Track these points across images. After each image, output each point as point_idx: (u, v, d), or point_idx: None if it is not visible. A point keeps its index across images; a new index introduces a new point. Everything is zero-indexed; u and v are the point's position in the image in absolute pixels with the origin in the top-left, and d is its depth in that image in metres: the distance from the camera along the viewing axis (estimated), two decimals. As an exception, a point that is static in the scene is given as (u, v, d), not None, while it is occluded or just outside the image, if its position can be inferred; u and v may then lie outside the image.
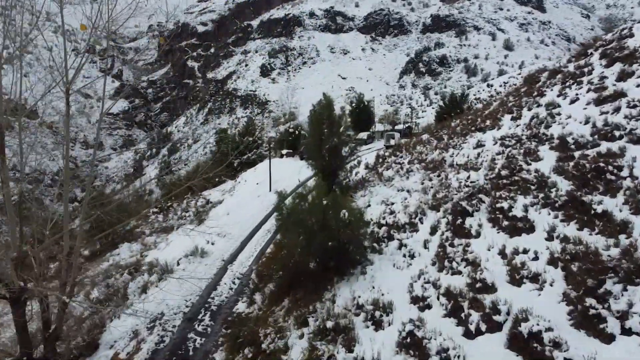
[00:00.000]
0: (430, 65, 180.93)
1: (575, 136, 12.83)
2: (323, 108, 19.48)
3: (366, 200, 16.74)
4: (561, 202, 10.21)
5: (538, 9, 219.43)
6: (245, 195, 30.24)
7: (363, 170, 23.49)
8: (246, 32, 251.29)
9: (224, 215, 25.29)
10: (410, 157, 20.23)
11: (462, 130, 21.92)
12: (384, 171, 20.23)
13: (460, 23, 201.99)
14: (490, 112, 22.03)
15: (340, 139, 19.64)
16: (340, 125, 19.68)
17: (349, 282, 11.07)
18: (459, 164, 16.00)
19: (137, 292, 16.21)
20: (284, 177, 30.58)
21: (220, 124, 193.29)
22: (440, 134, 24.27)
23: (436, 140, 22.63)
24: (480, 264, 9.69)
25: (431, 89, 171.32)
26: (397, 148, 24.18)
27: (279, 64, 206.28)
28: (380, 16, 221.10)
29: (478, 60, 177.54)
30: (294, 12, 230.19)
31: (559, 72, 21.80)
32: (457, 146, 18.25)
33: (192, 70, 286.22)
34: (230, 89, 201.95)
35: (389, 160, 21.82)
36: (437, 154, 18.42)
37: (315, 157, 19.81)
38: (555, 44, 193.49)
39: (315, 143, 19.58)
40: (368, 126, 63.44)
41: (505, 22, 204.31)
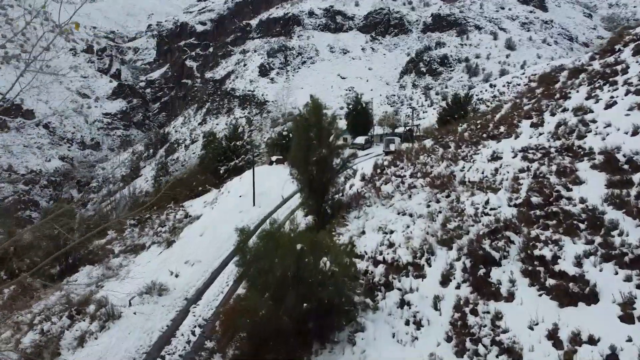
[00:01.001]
0: (431, 65, 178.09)
1: (628, 152, 9.94)
2: (310, 112, 16.57)
3: (360, 225, 13.88)
4: (633, 256, 7.27)
5: (540, 8, 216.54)
6: (226, 210, 27.30)
7: (358, 182, 20.64)
8: (245, 32, 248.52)
9: (198, 235, 22.32)
10: (413, 169, 17.36)
11: (471, 137, 19.06)
12: (382, 185, 17.36)
13: (462, 22, 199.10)
14: (504, 116, 19.15)
15: (331, 149, 16.66)
16: (330, 132, 16.75)
17: (332, 355, 8.23)
18: (472, 181, 13.22)
19: (72, 345, 13.24)
20: (271, 188, 27.57)
21: (218, 124, 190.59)
22: (445, 140, 21.38)
23: (442, 149, 19.77)
24: (522, 354, 6.64)
25: (432, 89, 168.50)
26: (397, 156, 21.34)
27: (277, 63, 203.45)
28: (381, 15, 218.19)
29: (479, 60, 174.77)
30: (293, 12, 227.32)
31: (581, 71, 18.88)
32: (468, 157, 15.44)
33: (191, 70, 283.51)
34: (229, 89, 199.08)
35: (388, 172, 18.95)
36: (444, 166, 15.60)
37: (301, 170, 16.81)
38: (557, 43, 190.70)
39: (301, 153, 16.52)
40: (366, 129, 59.49)
41: (507, 21, 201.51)
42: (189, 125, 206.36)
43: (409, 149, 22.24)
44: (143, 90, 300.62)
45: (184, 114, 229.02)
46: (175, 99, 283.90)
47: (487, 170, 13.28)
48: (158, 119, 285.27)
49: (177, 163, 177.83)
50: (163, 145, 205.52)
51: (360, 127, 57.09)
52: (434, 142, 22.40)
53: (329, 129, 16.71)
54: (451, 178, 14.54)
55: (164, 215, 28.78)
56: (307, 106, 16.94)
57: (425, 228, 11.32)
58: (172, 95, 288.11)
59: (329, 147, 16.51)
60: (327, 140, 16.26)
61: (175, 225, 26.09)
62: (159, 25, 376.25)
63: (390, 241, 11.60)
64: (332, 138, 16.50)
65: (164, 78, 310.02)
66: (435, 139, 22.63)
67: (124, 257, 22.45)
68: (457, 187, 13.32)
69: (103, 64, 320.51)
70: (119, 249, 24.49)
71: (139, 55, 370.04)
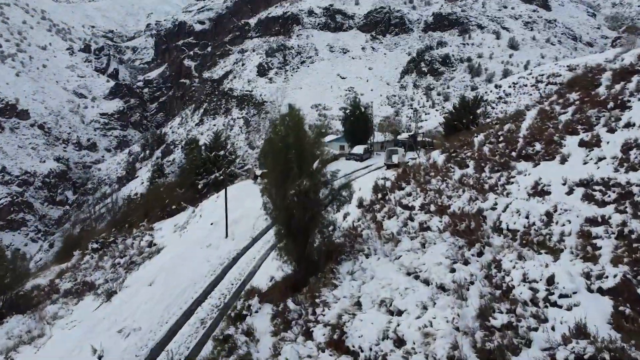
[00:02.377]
0: (433, 64, 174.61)
1: None
2: (288, 128, 12.59)
3: (354, 290, 10.15)
4: None
5: (543, 7, 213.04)
6: (192, 241, 23.28)
7: (355, 211, 17.00)
8: (243, 31, 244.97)
9: (146, 284, 18.17)
10: (424, 198, 13.80)
11: (493, 153, 15.56)
12: (384, 219, 13.80)
13: (463, 21, 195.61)
14: (534, 128, 15.65)
15: (316, 179, 12.59)
16: (314, 155, 12.77)
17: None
18: (512, 229, 9.72)
19: None
20: (251, 211, 22.93)
21: (215, 125, 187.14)
22: (461, 156, 17.87)
23: (457, 168, 16.26)
24: None
25: (433, 89, 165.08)
26: (402, 175, 17.76)
27: (276, 63, 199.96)
28: (381, 14, 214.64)
29: (482, 60, 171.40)
30: (293, 10, 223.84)
31: (632, 72, 15.32)
32: (498, 187, 11.94)
33: (189, 69, 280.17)
34: (226, 89, 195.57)
35: (391, 198, 15.38)
36: (466, 199, 12.10)
37: (277, 205, 12.78)
38: (561, 42, 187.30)
39: (276, 183, 12.57)
40: (365, 137, 53.51)
41: (510, 21, 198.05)
42: (186, 126, 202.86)
43: (416, 166, 18.63)
44: (141, 90, 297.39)
45: (181, 114, 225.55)
46: (173, 99, 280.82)
47: (534, 213, 9.80)
48: (156, 119, 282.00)
49: (174, 165, 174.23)
50: (159, 146, 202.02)
51: (359, 134, 51.87)
52: (446, 156, 18.86)
53: (314, 151, 12.80)
54: (479, 220, 10.90)
55: (131, 239, 25.36)
56: (285, 119, 13.22)
57: (453, 316, 7.66)
58: (170, 95, 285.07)
59: (314, 177, 12.55)
60: (310, 167, 12.45)
61: (133, 259, 22.55)
62: (157, 24, 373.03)
63: (398, 335, 7.88)
64: (316, 164, 12.67)
65: (162, 78, 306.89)
66: (448, 153, 19.10)
67: (63, 303, 18.86)
68: (490, 236, 9.81)
69: (100, 63, 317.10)
70: (65, 286, 20.94)
71: (137, 54, 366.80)
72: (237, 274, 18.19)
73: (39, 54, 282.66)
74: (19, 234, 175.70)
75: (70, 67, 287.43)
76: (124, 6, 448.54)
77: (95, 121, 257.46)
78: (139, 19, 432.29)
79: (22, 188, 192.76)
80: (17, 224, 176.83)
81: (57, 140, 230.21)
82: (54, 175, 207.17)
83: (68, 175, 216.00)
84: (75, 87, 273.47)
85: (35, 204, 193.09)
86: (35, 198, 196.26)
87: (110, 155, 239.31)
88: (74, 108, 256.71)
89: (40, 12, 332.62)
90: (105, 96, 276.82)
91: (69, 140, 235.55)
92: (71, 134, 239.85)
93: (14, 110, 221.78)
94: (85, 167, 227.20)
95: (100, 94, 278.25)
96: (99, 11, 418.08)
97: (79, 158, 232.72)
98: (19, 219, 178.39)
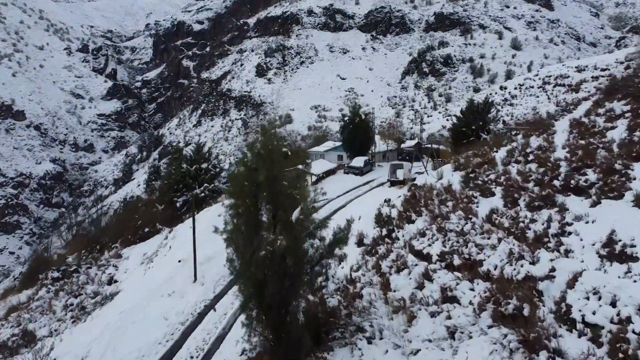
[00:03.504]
0: (434, 65, 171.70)
1: None
2: (258, 159, 9.11)
3: None
4: None
5: (546, 6, 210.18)
6: (156, 283, 19.15)
7: (354, 252, 13.31)
8: (242, 31, 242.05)
9: (79, 358, 14.44)
10: (442, 240, 10.75)
11: (526, 177, 12.70)
12: (391, 271, 10.75)
13: (465, 21, 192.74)
14: (578, 147, 12.80)
15: (296, 234, 8.98)
16: (294, 199, 9.13)
17: None
18: (590, 322, 6.47)
19: None
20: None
21: (213, 126, 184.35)
22: (481, 177, 15.02)
23: (480, 195, 13.38)
24: None
25: (435, 90, 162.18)
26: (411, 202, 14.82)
27: (275, 63, 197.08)
28: (382, 14, 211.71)
29: (484, 60, 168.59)
30: (292, 10, 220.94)
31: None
32: (549, 239, 8.93)
33: (187, 69, 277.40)
34: (224, 90, 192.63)
35: (399, 237, 12.36)
36: (504, 252, 9.06)
37: (243, 271, 9.03)
38: (564, 43, 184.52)
39: (244, 236, 8.99)
40: (366, 146, 48.01)
41: (512, 20, 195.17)
42: (184, 127, 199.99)
43: (427, 189, 15.68)
44: (139, 91, 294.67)
45: (179, 115, 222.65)
46: (171, 99, 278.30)
47: (624, 297, 6.60)
48: (154, 120, 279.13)
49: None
50: (157, 147, 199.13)
51: (359, 144, 46.29)
52: (463, 177, 15.99)
53: (291, 193, 9.06)
54: (533, 296, 7.53)
55: (95, 268, 22.39)
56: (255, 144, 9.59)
57: None
58: (168, 96, 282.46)
59: (293, 229, 8.83)
60: (289, 215, 8.82)
61: (85, 303, 19.48)
62: (156, 24, 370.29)
63: None
64: (297, 214, 8.85)
65: (160, 78, 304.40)
66: (465, 172, 16.25)
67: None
68: (558, 334, 6.61)
69: (98, 63, 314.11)
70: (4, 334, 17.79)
71: (136, 54, 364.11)
72: (200, 341, 14.08)
73: (36, 54, 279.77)
74: (13, 237, 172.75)
75: (68, 68, 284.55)
76: (123, 6, 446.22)
77: (93, 122, 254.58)
78: (138, 19, 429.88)
79: (17, 190, 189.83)
80: (12, 226, 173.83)
81: (54, 142, 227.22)
82: (50, 177, 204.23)
83: (64, 177, 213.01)
84: (73, 87, 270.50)
85: (31, 206, 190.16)
86: (30, 200, 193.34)
87: (108, 157, 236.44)
88: (71, 109, 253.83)
89: (38, 11, 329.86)
90: (102, 97, 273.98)
91: (66, 141, 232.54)
92: (68, 135, 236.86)
93: (10, 111, 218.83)
94: (81, 169, 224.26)
95: (97, 95, 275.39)
96: (98, 11, 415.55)
97: (76, 159, 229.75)
98: (13, 222, 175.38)
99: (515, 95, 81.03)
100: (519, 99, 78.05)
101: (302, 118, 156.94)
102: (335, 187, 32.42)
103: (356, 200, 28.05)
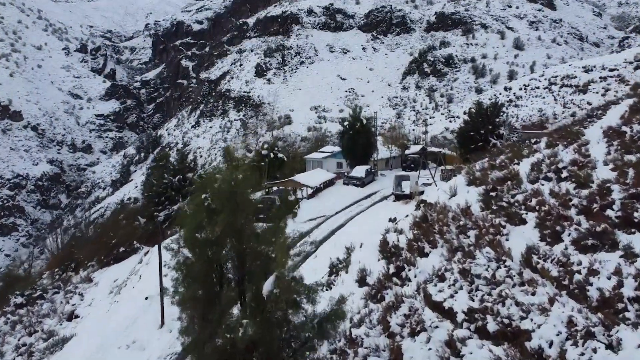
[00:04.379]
0: (435, 65, 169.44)
1: None
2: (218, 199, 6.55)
3: None
4: None
5: (548, 6, 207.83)
6: (116, 327, 16.54)
7: (355, 293, 10.65)
8: (242, 30, 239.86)
9: None
10: (468, 291, 8.33)
11: (565, 203, 10.49)
12: (403, 332, 8.10)
13: (467, 21, 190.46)
14: (626, 165, 10.60)
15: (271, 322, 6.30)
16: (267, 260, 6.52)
17: None
18: None
19: None
20: None
21: (211, 127, 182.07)
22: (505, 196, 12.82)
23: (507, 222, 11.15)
24: None
25: (436, 90, 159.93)
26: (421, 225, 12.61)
27: (275, 63, 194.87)
28: (382, 14, 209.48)
29: (486, 60, 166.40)
30: (292, 10, 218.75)
31: None
32: (623, 303, 6.48)
33: (187, 69, 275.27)
34: (223, 90, 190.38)
35: (410, 276, 10.00)
36: (559, 319, 6.62)
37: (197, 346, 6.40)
38: (567, 43, 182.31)
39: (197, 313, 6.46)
40: (368, 154, 43.86)
41: (515, 20, 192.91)
42: (182, 127, 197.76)
43: (440, 210, 13.43)
44: (138, 91, 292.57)
45: (177, 115, 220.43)
46: (170, 99, 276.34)
47: None
48: (153, 121, 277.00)
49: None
50: (155, 148, 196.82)
51: (360, 151, 42.32)
52: (483, 196, 13.74)
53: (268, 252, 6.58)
54: None
55: (62, 294, 20.15)
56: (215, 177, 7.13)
57: None
58: (167, 96, 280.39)
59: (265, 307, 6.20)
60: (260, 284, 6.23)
61: (33, 348, 17.22)
62: (156, 24, 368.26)
63: None
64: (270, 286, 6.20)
65: (160, 78, 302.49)
66: (484, 189, 14.00)
67: None
68: None
69: (97, 63, 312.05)
70: None
71: (135, 54, 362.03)
72: None
73: (34, 54, 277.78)
74: (9, 239, 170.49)
75: (66, 68, 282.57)
76: (123, 6, 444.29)
77: (91, 122, 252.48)
78: (138, 19, 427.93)
79: (13, 192, 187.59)
80: (8, 228, 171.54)
81: (51, 142, 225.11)
82: (47, 178, 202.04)
83: (62, 178, 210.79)
84: (71, 87, 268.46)
85: (27, 207, 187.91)
86: (27, 202, 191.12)
87: (106, 158, 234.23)
88: (68, 109, 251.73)
89: (36, 11, 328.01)
90: (101, 97, 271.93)
91: (63, 142, 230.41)
92: (65, 135, 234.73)
93: (7, 112, 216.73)
94: (79, 170, 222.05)
95: (96, 95, 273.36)
96: (97, 11, 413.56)
97: (74, 160, 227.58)
98: (10, 224, 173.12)
99: (520, 96, 78.77)
100: (524, 100, 75.80)
101: (302, 119, 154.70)
102: (334, 202, 30.22)
103: (358, 217, 25.46)
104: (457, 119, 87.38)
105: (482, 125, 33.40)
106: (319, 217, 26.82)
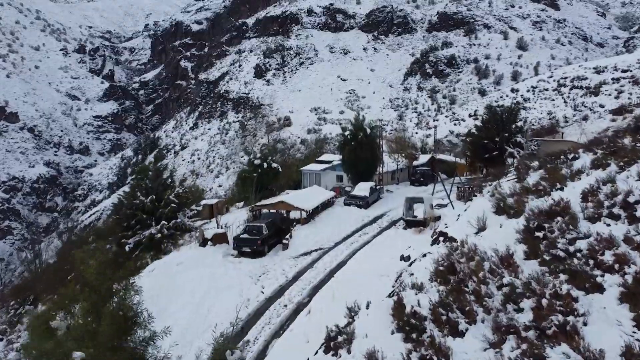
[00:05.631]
0: (438, 66, 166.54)
1: None
2: None
3: None
4: None
5: (551, 6, 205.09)
6: None
7: None
8: (241, 31, 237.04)
9: None
10: None
11: None
12: None
13: (469, 21, 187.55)
14: None
15: None
16: None
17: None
18: None
19: None
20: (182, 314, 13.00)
21: (210, 128, 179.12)
22: (559, 241, 10.01)
23: (573, 283, 8.22)
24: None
25: (439, 91, 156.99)
26: (447, 276, 9.64)
27: (274, 64, 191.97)
28: (383, 14, 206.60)
29: (489, 61, 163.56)
30: (292, 10, 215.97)
31: None
32: None
33: (185, 70, 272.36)
34: (222, 91, 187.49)
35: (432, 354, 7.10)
36: None
37: None
38: (572, 43, 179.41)
39: None
40: (372, 169, 38.58)
41: (518, 20, 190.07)
42: (180, 129, 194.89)
43: (471, 257, 10.35)
44: (136, 92, 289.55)
45: (175, 117, 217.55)
46: (169, 100, 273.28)
47: None
48: (151, 122, 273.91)
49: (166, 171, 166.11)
50: (153, 150, 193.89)
51: (363, 166, 36.79)
52: (522, 231, 10.85)
53: None
54: None
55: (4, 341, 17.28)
56: None
57: None
58: (165, 97, 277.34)
59: None
60: None
61: None
62: (155, 25, 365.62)
63: None
64: None
65: (158, 79, 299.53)
66: (518, 217, 11.12)
67: None
68: None
69: (95, 64, 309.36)
70: None
71: (134, 55, 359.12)
72: None
73: (32, 54, 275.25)
74: (4, 243, 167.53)
75: (64, 69, 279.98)
76: (123, 6, 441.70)
77: (89, 124, 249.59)
78: (138, 19, 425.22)
79: (9, 194, 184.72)
80: (3, 232, 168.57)
81: (48, 144, 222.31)
82: (43, 181, 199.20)
83: (58, 180, 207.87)
84: (69, 88, 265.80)
85: (23, 210, 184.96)
86: (23, 205, 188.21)
87: (104, 160, 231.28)
88: (66, 110, 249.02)
89: (34, 12, 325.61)
90: (99, 98, 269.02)
91: (60, 144, 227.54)
92: (63, 137, 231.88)
93: (3, 113, 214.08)
94: (76, 172, 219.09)
95: (94, 96, 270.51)
96: (97, 11, 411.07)
97: (71, 162, 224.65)
98: (4, 228, 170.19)
99: (528, 98, 75.75)
100: (532, 102, 72.79)
101: (302, 121, 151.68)
102: (333, 229, 25.66)
103: (362, 251, 21.40)
104: (462, 121, 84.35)
105: (497, 132, 30.37)
106: (315, 250, 22.81)
